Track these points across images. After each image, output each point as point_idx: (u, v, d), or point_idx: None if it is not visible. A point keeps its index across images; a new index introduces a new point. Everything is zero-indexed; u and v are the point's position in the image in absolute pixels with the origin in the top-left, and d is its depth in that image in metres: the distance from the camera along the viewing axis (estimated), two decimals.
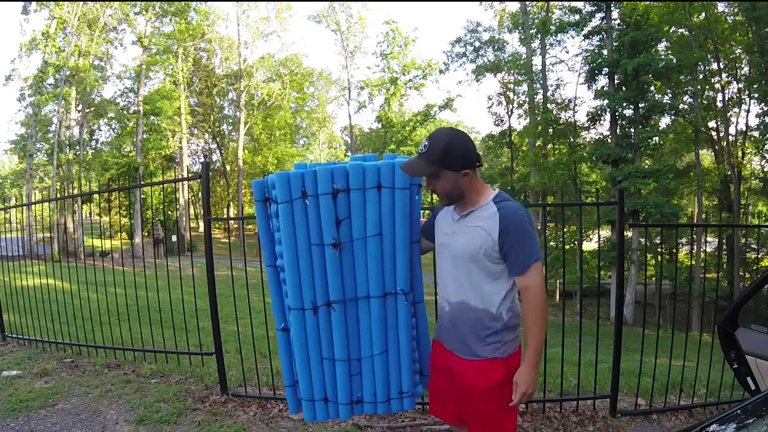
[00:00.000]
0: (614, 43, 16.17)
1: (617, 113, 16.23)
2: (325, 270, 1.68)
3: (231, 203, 32.19)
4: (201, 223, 30.83)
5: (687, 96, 18.29)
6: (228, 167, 31.88)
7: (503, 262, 1.51)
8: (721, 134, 18.12)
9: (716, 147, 19.02)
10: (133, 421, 2.80)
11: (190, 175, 17.36)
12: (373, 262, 1.71)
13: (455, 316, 1.59)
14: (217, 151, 32.32)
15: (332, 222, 1.65)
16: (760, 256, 17.50)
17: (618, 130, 16.39)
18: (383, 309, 1.74)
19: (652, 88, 16.67)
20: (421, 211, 1.94)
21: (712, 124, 18.21)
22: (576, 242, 17.58)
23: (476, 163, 1.55)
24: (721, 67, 17.47)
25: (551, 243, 19.15)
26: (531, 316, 1.49)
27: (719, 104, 17.62)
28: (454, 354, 1.61)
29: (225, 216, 31.40)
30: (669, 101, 17.26)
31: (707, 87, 17.85)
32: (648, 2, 15.91)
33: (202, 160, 32.94)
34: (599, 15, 16.85)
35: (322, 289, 1.68)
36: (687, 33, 17.31)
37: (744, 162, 18.30)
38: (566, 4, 18.65)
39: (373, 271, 1.72)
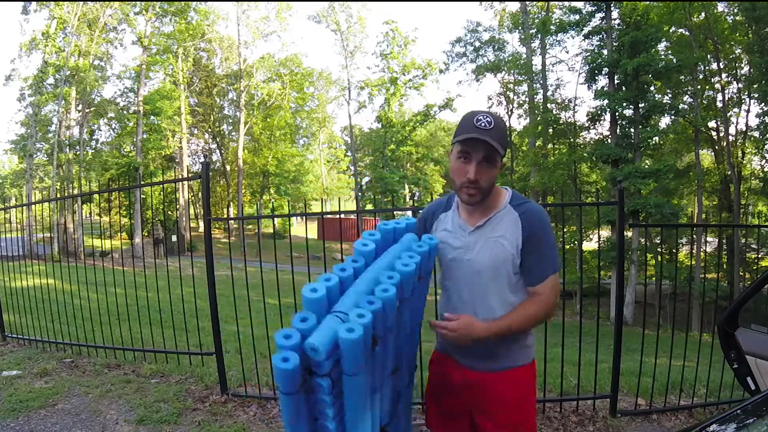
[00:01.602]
0: (614, 43, 16.16)
1: (617, 113, 16.23)
2: (382, 401, 1.30)
3: (231, 203, 32.18)
4: (201, 223, 30.85)
5: (687, 96, 18.29)
6: (228, 167, 31.89)
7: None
8: (721, 134, 18.12)
9: (716, 147, 19.02)
10: (133, 421, 2.80)
11: (190, 175, 17.37)
12: (410, 349, 1.47)
13: None
14: (217, 151, 32.33)
15: (394, 351, 1.29)
16: (760, 256, 17.50)
17: (618, 130, 16.38)
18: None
19: (652, 88, 16.66)
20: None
21: (712, 124, 18.21)
22: (576, 242, 17.58)
23: None
24: (721, 67, 17.47)
25: None
26: (529, 308, 1.36)
27: (719, 104, 17.62)
28: (477, 371, 1.43)
29: (225, 216, 31.42)
30: (669, 101, 17.27)
31: (707, 87, 17.86)
32: (648, 2, 15.91)
33: (202, 160, 32.94)
34: (599, 15, 16.85)
35: (378, 422, 1.28)
36: (687, 33, 17.31)
37: (744, 162, 18.30)
38: (566, 4, 18.66)
39: (407, 356, 1.46)
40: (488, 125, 1.27)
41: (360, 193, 29.17)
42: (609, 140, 16.73)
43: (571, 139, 19.60)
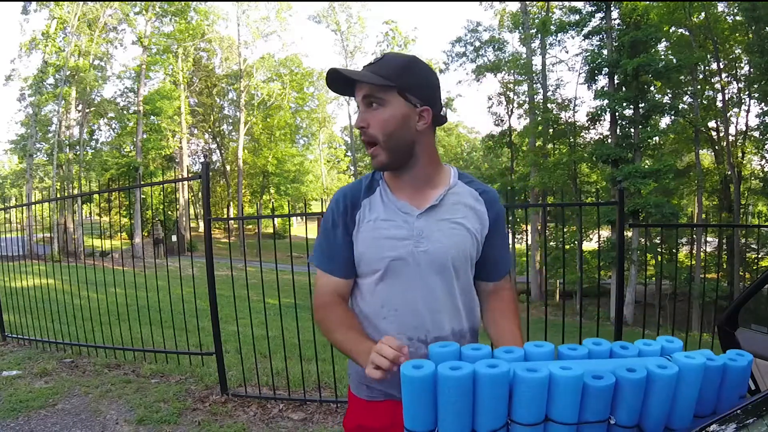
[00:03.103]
0: (614, 43, 16.18)
1: (617, 113, 16.24)
2: None
3: (231, 203, 32.20)
4: (201, 223, 30.85)
5: (687, 96, 18.30)
6: (228, 167, 31.91)
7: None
8: (721, 134, 18.13)
9: (716, 147, 19.03)
10: (133, 421, 2.80)
11: (190, 175, 17.36)
12: None
13: None
14: (217, 151, 32.35)
15: None
16: (760, 256, 17.51)
17: (618, 130, 16.39)
18: None
19: (652, 88, 16.67)
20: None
21: (712, 124, 18.23)
22: (576, 242, 17.60)
23: (440, 109, 1.04)
24: (721, 67, 17.48)
25: (551, 243, 19.16)
26: (515, 309, 1.13)
27: (719, 104, 17.63)
28: None
29: (225, 216, 31.42)
30: (669, 101, 17.28)
31: (707, 87, 17.87)
32: (648, 2, 15.93)
33: (202, 160, 32.95)
34: (599, 15, 16.87)
35: None
36: (687, 33, 17.33)
37: (744, 162, 18.31)
38: (566, 4, 18.68)
39: None
40: (373, 61, 1.00)
41: None
42: (609, 140, 16.74)
43: (571, 139, 19.61)
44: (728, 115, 17.75)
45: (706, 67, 17.60)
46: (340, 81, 1.00)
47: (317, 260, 1.09)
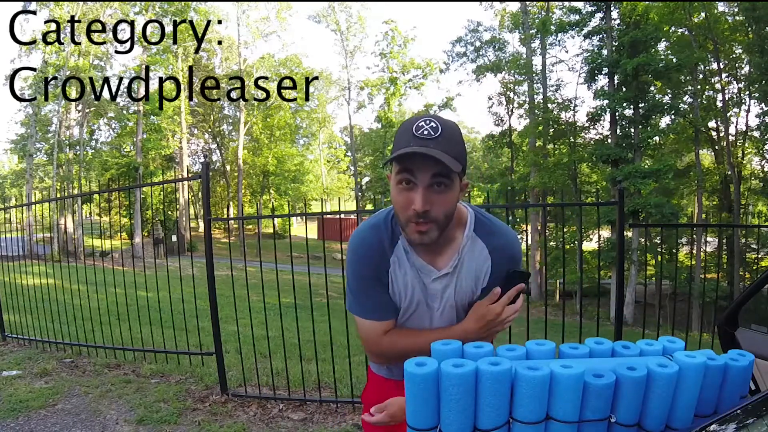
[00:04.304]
0: (614, 43, 16.19)
1: (617, 113, 16.24)
2: None
3: (231, 203, 32.19)
4: (201, 223, 30.85)
5: (687, 96, 18.30)
6: (228, 167, 31.90)
7: None
8: (721, 134, 18.13)
9: (716, 147, 19.03)
10: (133, 421, 2.80)
11: (190, 175, 17.35)
12: None
13: None
14: (217, 151, 32.34)
15: None
16: (760, 256, 17.51)
17: (618, 130, 16.40)
18: None
19: (652, 88, 16.67)
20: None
21: (712, 124, 18.22)
22: (576, 242, 17.60)
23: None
24: (721, 67, 17.47)
25: (551, 243, 19.17)
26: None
27: (719, 104, 17.62)
28: None
29: (225, 216, 31.41)
30: (669, 101, 17.28)
31: (707, 87, 17.86)
32: (648, 2, 15.93)
33: (202, 160, 32.94)
34: (599, 15, 16.88)
35: None
36: (687, 33, 17.32)
37: (744, 162, 18.31)
38: (566, 4, 18.68)
39: None
40: (433, 132, 0.90)
41: (360, 193, 29.17)
42: (609, 140, 16.74)
43: (572, 139, 19.61)
44: (728, 115, 17.74)
45: (706, 67, 17.60)
46: (415, 157, 0.91)
47: (361, 313, 1.09)
